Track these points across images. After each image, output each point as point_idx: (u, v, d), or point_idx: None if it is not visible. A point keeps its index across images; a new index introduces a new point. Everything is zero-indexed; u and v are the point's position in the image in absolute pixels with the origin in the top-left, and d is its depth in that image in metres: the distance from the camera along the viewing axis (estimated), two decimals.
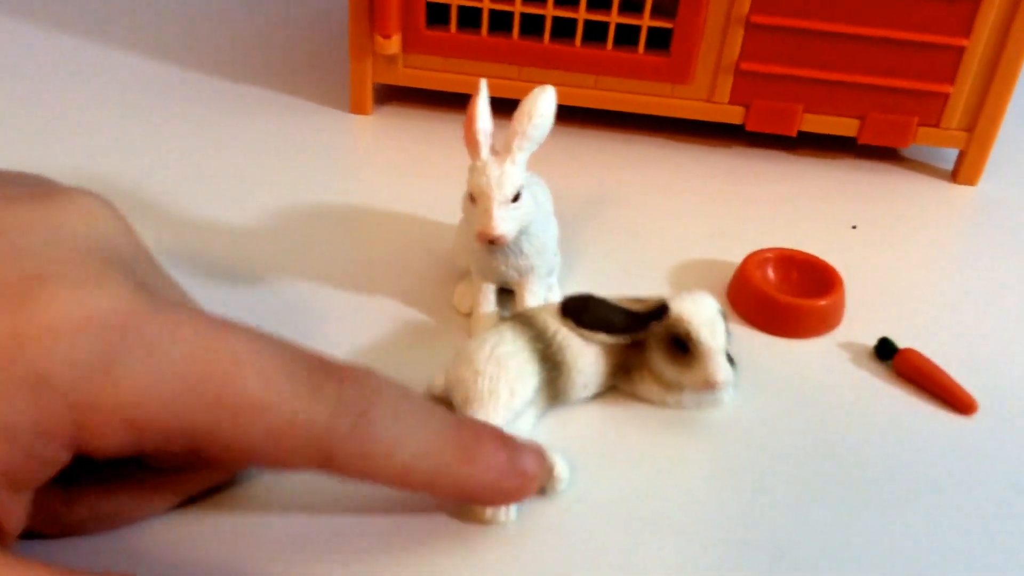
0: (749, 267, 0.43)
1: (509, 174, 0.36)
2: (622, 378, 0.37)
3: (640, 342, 0.36)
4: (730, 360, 0.37)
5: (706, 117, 0.55)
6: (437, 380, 0.36)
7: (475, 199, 0.37)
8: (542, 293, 0.41)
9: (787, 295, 0.42)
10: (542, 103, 0.37)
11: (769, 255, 0.44)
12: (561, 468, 0.33)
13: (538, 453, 0.31)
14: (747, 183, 0.54)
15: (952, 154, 0.57)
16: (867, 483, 0.35)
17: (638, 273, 0.46)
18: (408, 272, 0.44)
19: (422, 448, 0.28)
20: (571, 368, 0.36)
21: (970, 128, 0.54)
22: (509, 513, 0.32)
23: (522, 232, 0.38)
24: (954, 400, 0.38)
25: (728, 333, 0.36)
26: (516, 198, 0.37)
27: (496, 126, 0.37)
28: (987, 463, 0.36)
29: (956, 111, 0.54)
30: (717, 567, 0.31)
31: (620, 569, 0.31)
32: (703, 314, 0.35)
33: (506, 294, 0.41)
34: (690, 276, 0.45)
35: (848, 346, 0.41)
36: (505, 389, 0.34)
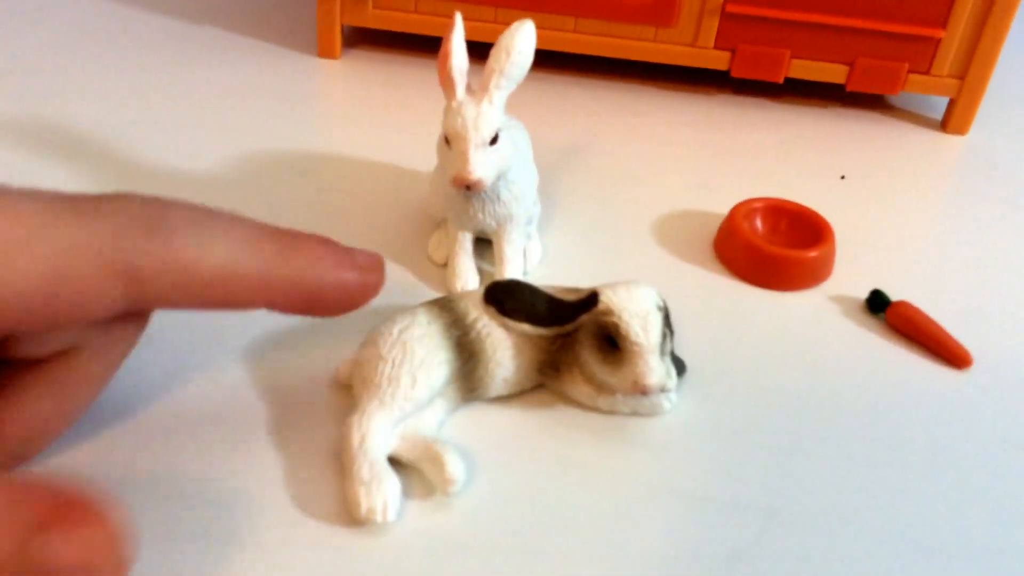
0: (737, 217, 0.41)
1: (486, 115, 0.34)
2: (551, 376, 0.33)
3: (571, 337, 0.33)
4: (677, 363, 0.34)
5: (690, 63, 0.53)
6: (342, 369, 0.33)
7: (450, 142, 0.35)
8: (520, 242, 0.39)
9: (776, 246, 0.40)
10: (521, 38, 0.35)
11: (757, 205, 0.42)
12: (454, 468, 0.29)
13: (371, 253, 0.29)
14: (733, 132, 0.52)
15: (942, 102, 0.55)
16: (860, 438, 0.33)
17: (621, 225, 0.44)
18: (380, 222, 0.42)
19: (235, 248, 0.26)
20: (489, 359, 0.32)
21: (961, 75, 0.52)
22: (387, 512, 0.28)
23: (500, 177, 0.36)
24: (948, 354, 0.37)
25: (669, 331, 0.33)
26: (494, 140, 0.34)
27: (471, 71, 0.35)
28: (982, 417, 0.35)
29: (947, 57, 0.52)
30: (710, 529, 0.29)
31: None
32: (635, 306, 0.31)
33: (484, 244, 0.39)
34: (675, 228, 0.44)
35: (839, 299, 0.40)
36: (407, 376, 0.31)
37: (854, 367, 0.36)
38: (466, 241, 0.39)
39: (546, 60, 0.55)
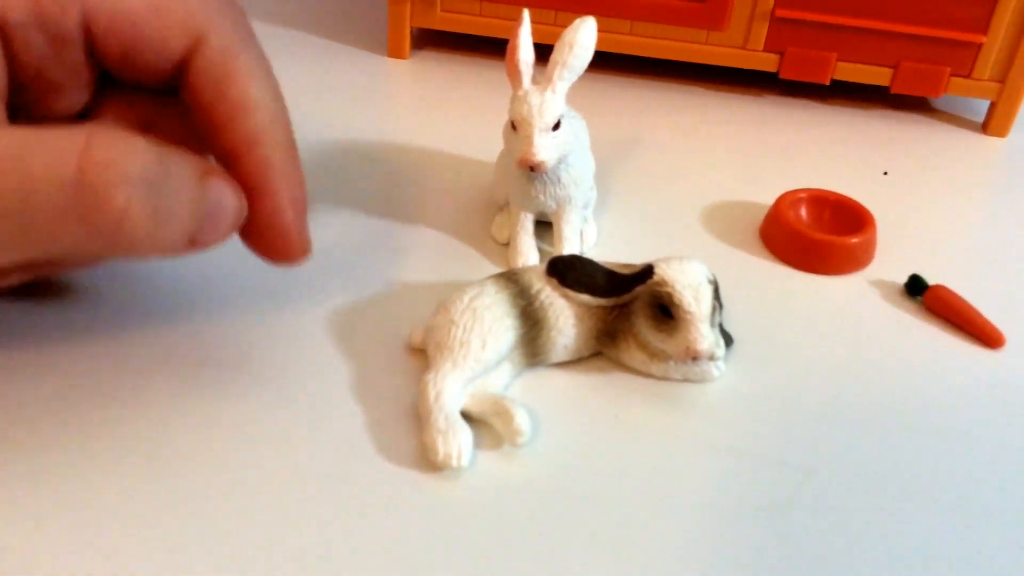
0: (783, 206, 0.44)
1: (550, 102, 0.37)
2: (607, 344, 0.36)
3: (627, 308, 0.36)
4: (726, 335, 0.37)
5: (740, 64, 0.56)
6: (415, 334, 0.36)
7: (516, 127, 0.38)
8: (578, 224, 0.42)
9: (820, 233, 0.43)
10: (583, 33, 0.38)
11: (802, 195, 0.45)
12: (522, 421, 0.32)
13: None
14: (780, 130, 0.55)
15: (983, 105, 0.57)
16: (894, 408, 0.36)
17: (671, 213, 0.46)
18: (447, 206, 0.45)
19: None
20: (551, 327, 0.35)
21: (1002, 79, 0.55)
22: (461, 458, 0.31)
23: (560, 162, 0.39)
24: (982, 334, 0.39)
25: (719, 304, 0.35)
26: (556, 126, 0.38)
27: (535, 67, 0.38)
28: (1013, 393, 0.37)
29: (988, 62, 0.54)
30: (752, 484, 0.32)
31: (572, 527, 0.30)
32: (688, 278, 0.34)
33: (542, 226, 0.42)
34: (723, 216, 0.46)
35: (879, 283, 0.42)
36: (477, 340, 0.34)
37: (892, 344, 0.39)
38: (528, 221, 0.41)
39: (603, 61, 0.58)
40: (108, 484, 0.30)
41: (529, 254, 0.41)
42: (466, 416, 0.33)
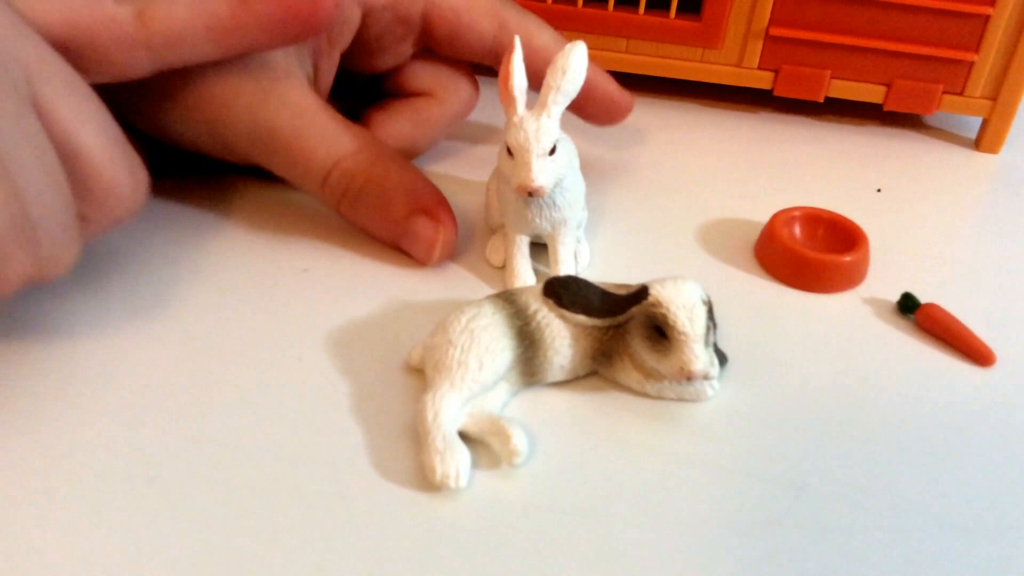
0: (776, 224, 0.44)
1: (546, 128, 0.38)
2: (603, 363, 0.37)
3: (622, 328, 0.36)
4: (720, 354, 0.37)
5: (735, 82, 0.57)
6: (413, 353, 0.37)
7: (513, 153, 0.38)
8: (572, 245, 0.42)
9: (813, 251, 0.43)
10: (575, 58, 0.38)
11: (796, 213, 0.45)
12: (519, 441, 0.33)
13: None
14: (774, 147, 0.56)
15: (975, 122, 0.58)
16: (886, 425, 0.36)
17: (666, 230, 0.47)
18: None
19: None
20: (548, 347, 0.36)
21: (993, 97, 0.55)
22: (459, 478, 0.32)
23: (556, 185, 0.39)
24: (973, 352, 0.40)
25: (713, 324, 0.35)
26: (552, 151, 0.38)
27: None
28: (1004, 411, 0.37)
29: (980, 79, 0.55)
30: (746, 500, 0.33)
31: (569, 545, 0.31)
32: (682, 300, 0.34)
33: (535, 248, 0.43)
34: (718, 234, 0.47)
35: (872, 301, 0.43)
36: (475, 360, 0.34)
37: (884, 362, 0.39)
38: (524, 244, 0.42)
39: None
40: (103, 499, 0.31)
41: (526, 277, 0.42)
42: (464, 436, 0.34)
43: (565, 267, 0.42)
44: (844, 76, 0.56)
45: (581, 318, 0.36)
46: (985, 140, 0.57)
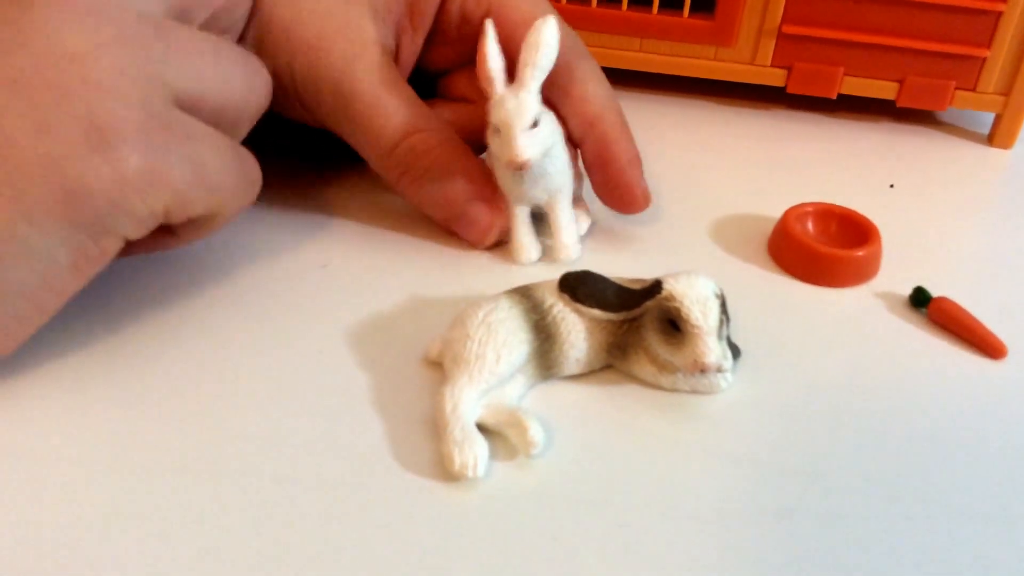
0: (789, 220, 0.45)
1: (526, 102, 0.39)
2: (618, 357, 0.37)
3: (637, 322, 0.37)
4: (733, 347, 0.38)
5: (749, 79, 0.57)
6: (431, 347, 0.37)
7: (499, 130, 0.39)
8: (570, 211, 0.43)
9: (826, 246, 0.44)
10: (546, 33, 0.39)
11: (809, 209, 0.46)
12: (535, 432, 0.33)
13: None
14: (788, 144, 0.56)
15: (988, 118, 0.58)
16: (898, 416, 0.37)
17: (681, 225, 0.48)
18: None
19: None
20: (564, 341, 0.36)
21: (1006, 92, 0.56)
22: (477, 468, 0.32)
23: (545, 155, 0.40)
24: (985, 345, 0.40)
25: (726, 318, 0.36)
26: (535, 124, 0.39)
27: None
28: (1015, 403, 0.38)
29: (992, 75, 0.55)
30: (759, 490, 0.33)
31: (584, 534, 0.31)
32: (695, 293, 0.35)
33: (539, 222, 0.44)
34: (731, 229, 0.47)
35: (884, 295, 0.43)
36: (492, 353, 0.35)
37: (896, 355, 0.40)
38: (524, 215, 0.43)
39: (614, 77, 0.59)
40: (129, 490, 0.32)
41: (531, 248, 0.43)
42: (482, 427, 0.34)
43: (567, 232, 0.43)
44: (857, 73, 0.56)
45: (596, 312, 0.37)
46: (998, 135, 0.57)
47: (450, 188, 0.43)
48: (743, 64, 0.57)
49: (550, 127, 0.40)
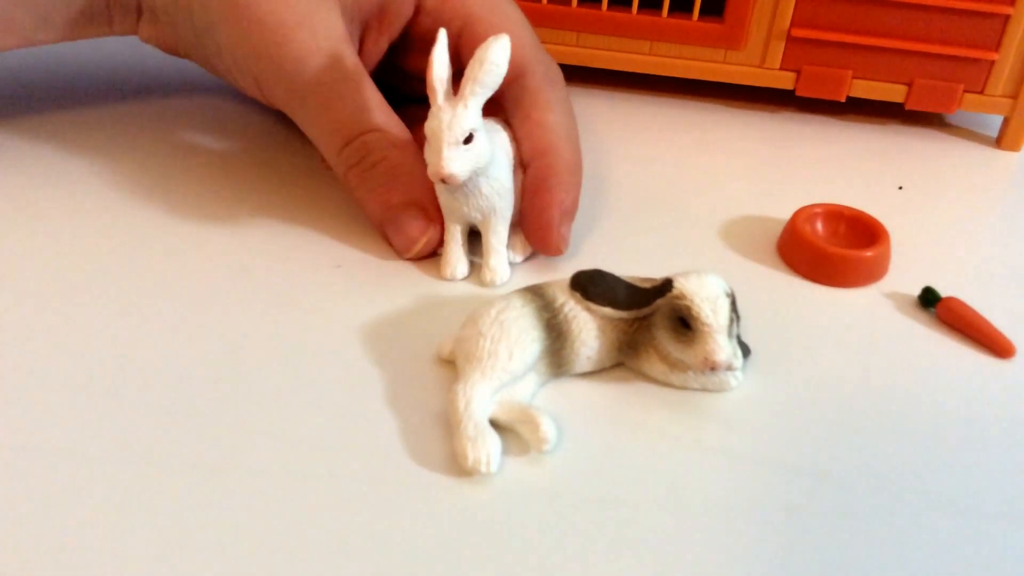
0: (799, 221, 0.45)
1: (460, 117, 0.38)
2: (629, 355, 0.38)
3: (647, 321, 0.37)
4: (743, 346, 0.38)
5: (758, 82, 0.58)
6: (444, 346, 0.38)
7: (428, 140, 0.39)
8: (504, 235, 0.43)
9: (835, 247, 0.44)
10: (494, 51, 0.38)
11: (818, 210, 0.46)
12: (547, 429, 0.34)
13: None
14: (796, 146, 0.56)
15: (997, 120, 0.59)
16: (906, 415, 0.37)
17: (691, 226, 0.48)
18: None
19: None
20: (575, 339, 0.37)
21: (1014, 95, 0.56)
22: (490, 464, 0.33)
23: (480, 174, 0.40)
24: (993, 345, 0.40)
25: (736, 316, 0.36)
26: (469, 139, 0.38)
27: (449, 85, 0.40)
28: (1021, 400, 0.38)
29: (1001, 78, 0.55)
30: (768, 487, 0.34)
31: (595, 530, 0.32)
32: (706, 292, 0.35)
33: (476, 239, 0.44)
34: (741, 230, 0.48)
35: (893, 295, 0.44)
36: (504, 351, 0.35)
37: (905, 355, 0.40)
38: (456, 232, 0.43)
39: (625, 80, 0.60)
40: (148, 488, 0.32)
41: (457, 264, 0.43)
42: (494, 424, 0.35)
43: (495, 256, 0.43)
44: (865, 76, 0.56)
45: (607, 311, 0.37)
46: (1006, 138, 0.57)
47: (391, 191, 0.43)
48: (752, 67, 0.57)
49: (485, 146, 0.39)
